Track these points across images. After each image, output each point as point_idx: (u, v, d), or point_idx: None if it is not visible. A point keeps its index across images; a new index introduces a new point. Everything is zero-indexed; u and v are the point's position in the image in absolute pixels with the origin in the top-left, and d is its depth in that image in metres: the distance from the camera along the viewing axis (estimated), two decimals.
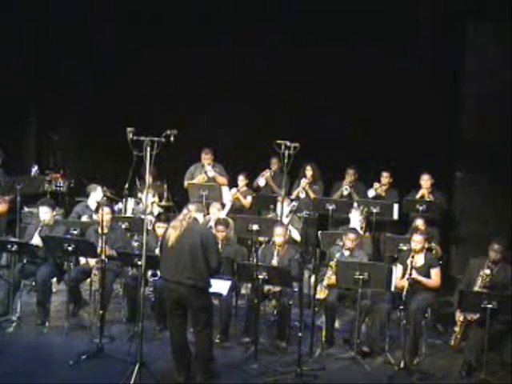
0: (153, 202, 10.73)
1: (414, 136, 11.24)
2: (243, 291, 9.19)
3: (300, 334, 7.57)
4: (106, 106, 12.51)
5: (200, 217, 7.19)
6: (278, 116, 11.88)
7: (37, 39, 12.65)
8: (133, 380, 6.82)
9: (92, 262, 8.64)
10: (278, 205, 10.10)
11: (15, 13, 11.97)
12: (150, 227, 9.10)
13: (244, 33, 11.84)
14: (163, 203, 11.29)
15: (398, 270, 8.41)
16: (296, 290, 8.61)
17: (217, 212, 9.95)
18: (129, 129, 7.11)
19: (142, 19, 12.29)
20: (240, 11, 11.80)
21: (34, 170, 11.26)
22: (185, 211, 7.09)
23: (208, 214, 9.53)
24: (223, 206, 10.60)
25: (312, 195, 10.93)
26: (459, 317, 7.98)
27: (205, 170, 11.17)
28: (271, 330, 8.60)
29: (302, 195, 11.02)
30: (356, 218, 9.91)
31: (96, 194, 10.33)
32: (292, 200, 10.64)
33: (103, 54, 12.69)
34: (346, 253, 8.61)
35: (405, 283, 7.95)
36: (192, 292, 6.89)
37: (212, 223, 9.44)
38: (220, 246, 8.51)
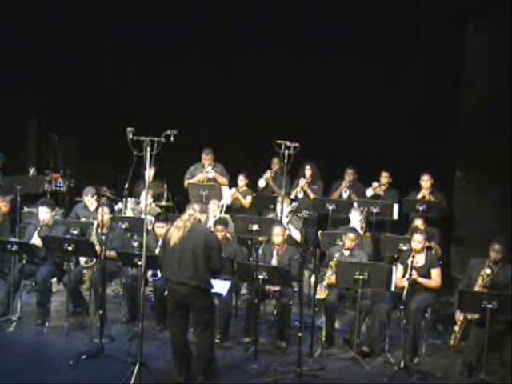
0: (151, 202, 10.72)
1: (414, 136, 11.23)
2: (243, 291, 9.19)
3: (300, 334, 7.55)
4: (106, 106, 12.51)
5: (203, 218, 7.18)
6: (278, 116, 11.87)
7: (37, 40, 12.65)
8: (133, 380, 6.82)
9: (82, 261, 8.66)
10: (278, 205, 10.10)
11: (15, 13, 11.98)
12: (149, 227, 9.09)
13: (243, 33, 11.83)
14: (163, 203, 11.28)
15: (398, 270, 8.42)
16: (296, 289, 8.62)
17: (217, 209, 9.96)
18: (129, 129, 7.11)
19: (141, 20, 12.29)
20: (239, 11, 11.80)
21: (32, 170, 11.31)
22: (190, 211, 7.05)
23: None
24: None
25: (312, 195, 10.92)
26: (459, 317, 7.97)
27: (206, 171, 11.16)
28: (271, 330, 8.60)
29: (300, 195, 11.01)
30: (356, 218, 9.89)
31: (88, 198, 10.22)
32: (292, 200, 10.64)
33: (103, 54, 12.70)
34: (346, 253, 8.61)
35: (405, 283, 7.95)
36: (195, 292, 6.88)
37: (211, 221, 9.42)
38: None
